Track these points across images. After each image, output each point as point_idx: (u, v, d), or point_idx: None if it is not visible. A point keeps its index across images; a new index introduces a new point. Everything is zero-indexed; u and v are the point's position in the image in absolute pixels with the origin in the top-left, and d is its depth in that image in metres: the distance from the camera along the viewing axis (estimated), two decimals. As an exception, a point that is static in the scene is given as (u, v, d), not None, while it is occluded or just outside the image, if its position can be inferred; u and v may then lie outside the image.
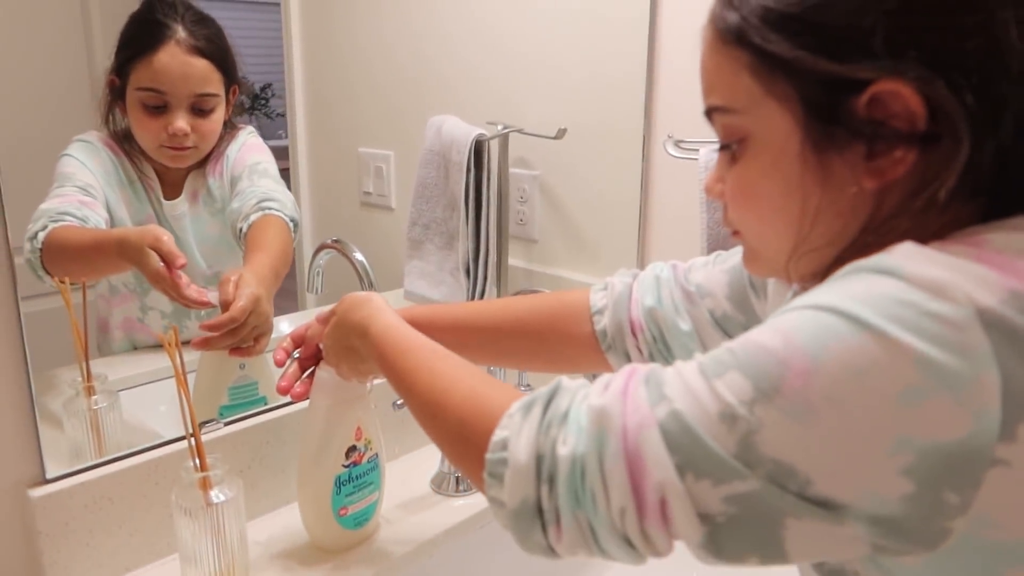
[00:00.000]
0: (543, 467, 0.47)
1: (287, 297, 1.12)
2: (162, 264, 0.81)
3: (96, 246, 0.88)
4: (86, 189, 0.89)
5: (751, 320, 0.69)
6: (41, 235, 0.83)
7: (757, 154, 0.51)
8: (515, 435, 0.48)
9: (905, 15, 0.44)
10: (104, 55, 0.90)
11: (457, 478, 0.97)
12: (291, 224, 1.00)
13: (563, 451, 0.46)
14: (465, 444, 0.54)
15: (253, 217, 0.97)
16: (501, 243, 1.27)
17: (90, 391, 0.86)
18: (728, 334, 0.70)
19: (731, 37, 0.50)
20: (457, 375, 0.60)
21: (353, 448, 0.83)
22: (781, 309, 0.45)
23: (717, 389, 0.43)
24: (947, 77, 0.44)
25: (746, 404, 0.42)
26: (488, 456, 0.50)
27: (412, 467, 1.01)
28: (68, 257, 0.86)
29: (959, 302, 0.40)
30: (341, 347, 0.75)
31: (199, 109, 0.92)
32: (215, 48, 0.93)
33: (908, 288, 0.41)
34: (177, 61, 0.89)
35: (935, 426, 0.40)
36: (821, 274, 0.50)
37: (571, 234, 1.37)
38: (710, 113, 0.54)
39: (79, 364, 0.84)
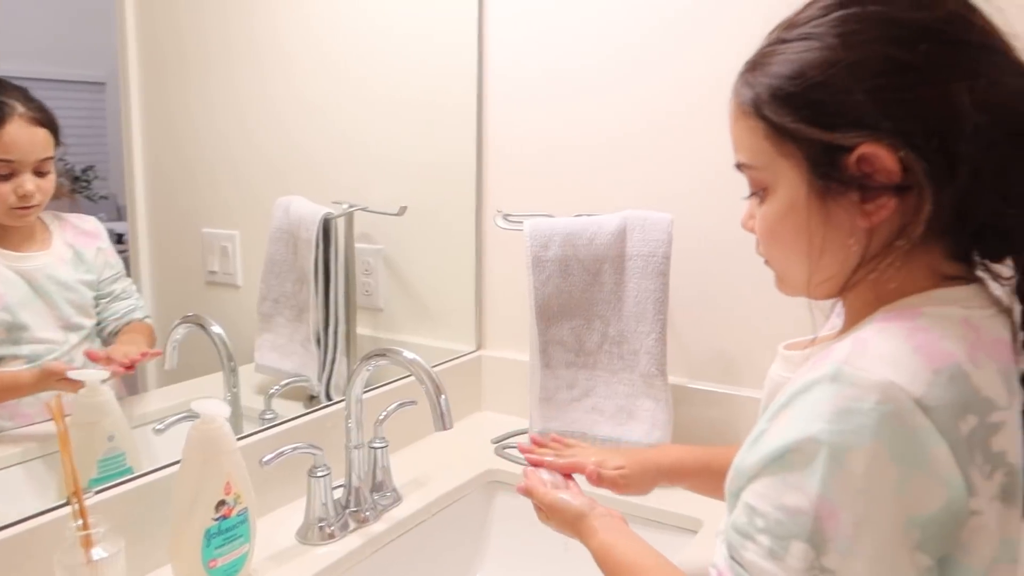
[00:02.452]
0: None
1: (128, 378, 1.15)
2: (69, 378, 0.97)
3: (11, 389, 0.96)
4: None
5: None
6: None
7: (775, 201, 0.63)
8: None
9: (879, 91, 0.56)
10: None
11: (320, 527, 1.04)
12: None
13: None
14: None
15: (123, 321, 1.09)
16: (349, 313, 1.35)
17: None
18: None
19: (749, 110, 0.62)
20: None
21: (223, 502, 0.89)
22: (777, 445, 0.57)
23: (790, 564, 0.55)
24: (912, 140, 0.55)
25: (817, 566, 0.54)
26: None
27: (280, 521, 1.07)
28: None
29: (901, 398, 0.52)
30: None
31: (40, 172, 1.01)
32: (49, 118, 1.03)
33: (862, 396, 0.52)
34: (24, 132, 0.99)
35: (925, 501, 0.52)
36: (833, 296, 0.65)
37: (414, 302, 1.48)
38: (739, 167, 0.66)
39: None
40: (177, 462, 0.91)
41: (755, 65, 0.63)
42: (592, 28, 1.36)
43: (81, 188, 1.14)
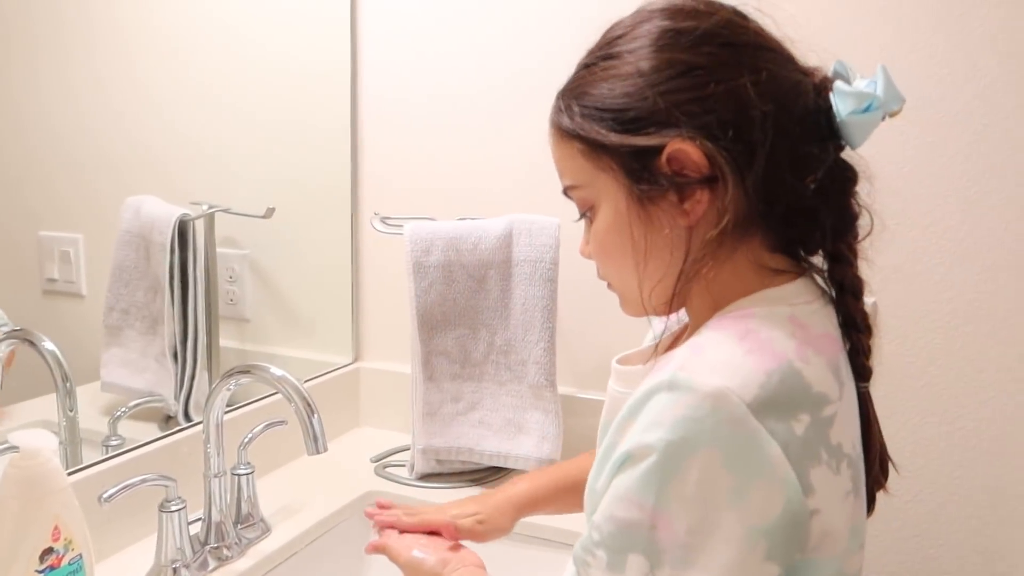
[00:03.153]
0: None
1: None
2: None
3: None
4: None
5: None
6: None
7: (602, 217, 0.65)
8: None
9: (675, 93, 0.59)
10: None
11: (173, 569, 0.92)
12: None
13: None
14: None
15: None
16: (211, 324, 1.24)
17: None
18: None
19: (564, 133, 0.65)
20: None
21: (50, 550, 0.76)
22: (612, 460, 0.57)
23: None
24: (711, 133, 0.59)
25: None
26: None
27: (125, 565, 0.95)
28: None
29: (734, 403, 0.53)
30: None
31: None
32: None
33: (697, 404, 0.53)
34: None
35: (767, 508, 0.52)
36: (669, 305, 0.65)
37: (285, 311, 1.38)
38: (566, 191, 0.68)
39: None
40: (-7, 504, 0.78)
41: (565, 92, 0.66)
42: (473, 22, 1.31)
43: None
